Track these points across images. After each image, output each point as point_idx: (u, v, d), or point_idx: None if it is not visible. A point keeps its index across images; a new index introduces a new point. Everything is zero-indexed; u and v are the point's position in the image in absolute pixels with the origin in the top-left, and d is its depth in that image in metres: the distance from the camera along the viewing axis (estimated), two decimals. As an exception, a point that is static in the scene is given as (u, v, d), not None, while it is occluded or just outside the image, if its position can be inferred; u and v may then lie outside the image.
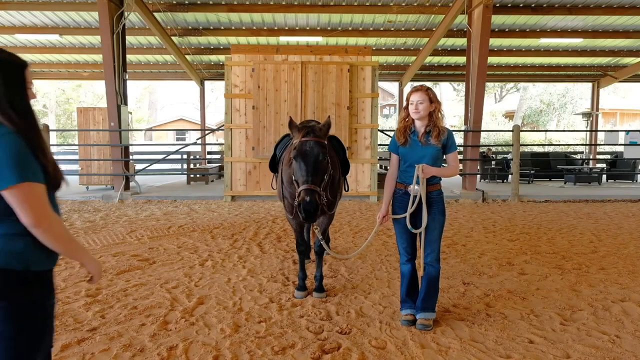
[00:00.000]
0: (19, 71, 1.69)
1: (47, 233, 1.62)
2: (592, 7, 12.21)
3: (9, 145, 1.56)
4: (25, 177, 1.56)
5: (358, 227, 7.33)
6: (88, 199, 10.40)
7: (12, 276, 1.61)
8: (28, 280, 1.64)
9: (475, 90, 10.81)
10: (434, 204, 3.31)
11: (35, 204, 1.59)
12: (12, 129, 1.60)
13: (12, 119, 1.61)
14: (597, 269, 4.92)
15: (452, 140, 3.31)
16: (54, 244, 1.66)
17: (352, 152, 10.15)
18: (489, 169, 14.89)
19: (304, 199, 3.23)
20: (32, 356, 1.66)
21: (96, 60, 16.44)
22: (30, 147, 1.61)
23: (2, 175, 1.54)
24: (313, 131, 3.46)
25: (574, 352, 2.97)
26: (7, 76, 1.64)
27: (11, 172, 1.54)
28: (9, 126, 1.60)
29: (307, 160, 3.34)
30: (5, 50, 1.70)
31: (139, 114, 34.79)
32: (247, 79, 10.20)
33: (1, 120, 1.61)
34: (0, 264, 1.60)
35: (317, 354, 2.93)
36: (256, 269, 4.91)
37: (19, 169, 1.55)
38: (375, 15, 12.64)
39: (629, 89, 33.81)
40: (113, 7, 10.38)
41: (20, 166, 1.56)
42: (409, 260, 3.43)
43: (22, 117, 1.64)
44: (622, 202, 10.46)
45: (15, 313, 1.62)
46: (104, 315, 3.56)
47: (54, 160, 1.70)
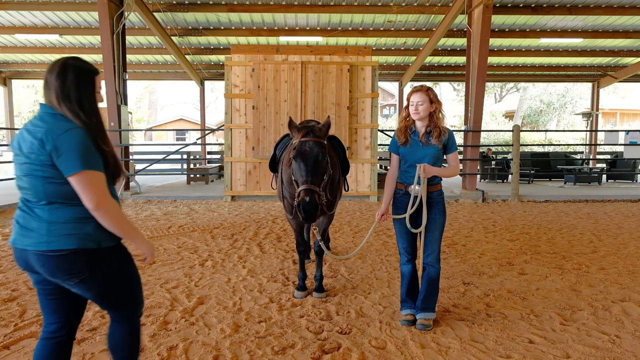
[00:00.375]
0: (90, 77, 1.96)
1: (105, 216, 1.88)
2: (592, 7, 12.22)
3: (75, 137, 1.83)
4: (88, 166, 1.82)
5: (358, 227, 7.33)
6: (88, 199, 10.38)
7: (89, 254, 1.92)
8: (102, 255, 1.96)
9: (475, 90, 10.82)
10: (435, 204, 3.31)
11: (96, 190, 1.85)
12: (79, 124, 1.88)
13: (80, 117, 1.89)
14: (597, 269, 4.92)
15: (452, 141, 3.31)
16: (111, 225, 1.91)
17: (352, 152, 10.16)
18: (489, 169, 14.89)
19: (303, 199, 3.23)
20: (132, 295, 2.10)
21: (96, 60, 16.39)
22: (93, 141, 1.89)
23: (69, 163, 1.81)
24: (313, 131, 3.45)
25: (574, 352, 2.97)
26: (79, 81, 1.92)
27: (76, 161, 1.80)
28: (76, 122, 1.88)
29: (307, 161, 3.33)
30: (80, 58, 1.99)
31: (139, 114, 34.80)
32: (247, 79, 10.21)
33: (70, 118, 1.88)
34: (78, 244, 1.89)
35: (317, 354, 2.93)
36: (256, 269, 4.91)
37: (83, 159, 1.82)
38: (375, 15, 12.64)
39: (629, 89, 33.83)
40: (113, 7, 10.38)
41: (83, 156, 1.82)
42: (409, 261, 3.43)
43: (88, 116, 1.91)
44: (622, 202, 10.46)
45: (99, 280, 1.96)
46: (104, 315, 3.55)
47: (115, 154, 1.99)
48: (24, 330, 3.26)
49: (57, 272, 1.91)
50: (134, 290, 2.12)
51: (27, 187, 1.91)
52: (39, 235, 1.88)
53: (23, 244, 1.92)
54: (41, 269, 1.92)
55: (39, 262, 1.90)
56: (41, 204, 1.90)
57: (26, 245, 1.91)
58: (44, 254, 1.87)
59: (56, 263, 1.88)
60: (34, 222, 1.90)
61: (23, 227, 1.93)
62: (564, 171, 14.20)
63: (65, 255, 1.88)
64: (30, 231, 1.90)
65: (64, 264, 1.88)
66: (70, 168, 1.81)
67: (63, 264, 1.88)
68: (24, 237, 1.92)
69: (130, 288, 2.10)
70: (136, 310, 2.15)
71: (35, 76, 19.12)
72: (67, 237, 1.88)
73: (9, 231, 6.75)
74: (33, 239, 1.89)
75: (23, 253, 1.94)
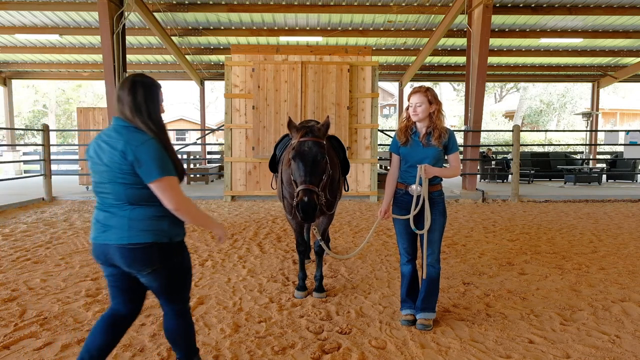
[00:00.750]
0: (157, 91, 2.24)
1: (184, 214, 2.20)
2: (592, 7, 12.22)
3: (151, 148, 2.09)
4: (165, 172, 2.11)
5: (358, 227, 7.33)
6: (88, 199, 10.39)
7: (161, 247, 2.20)
8: (172, 249, 2.25)
9: (475, 90, 10.81)
10: (435, 204, 3.30)
11: (174, 192, 2.14)
12: (151, 135, 2.14)
13: (151, 128, 2.15)
14: (597, 269, 4.92)
15: (453, 141, 3.30)
16: (189, 220, 2.24)
17: (352, 152, 10.16)
18: (489, 169, 14.89)
19: (302, 199, 3.23)
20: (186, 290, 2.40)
21: (96, 60, 16.45)
22: (164, 149, 2.16)
23: (149, 171, 2.09)
24: (312, 131, 3.45)
25: (574, 352, 2.97)
26: (147, 95, 2.18)
27: (155, 170, 2.08)
28: (148, 133, 2.14)
29: (306, 161, 3.33)
30: (145, 75, 2.24)
31: (139, 114, 34.74)
32: (247, 79, 10.21)
33: (143, 129, 2.14)
34: (154, 239, 2.17)
35: (317, 354, 2.93)
36: (256, 269, 4.91)
37: (160, 167, 2.09)
38: (375, 15, 12.64)
39: (629, 89, 33.81)
40: (113, 7, 10.38)
41: (160, 165, 2.10)
42: (409, 261, 3.43)
43: (157, 126, 2.17)
44: (622, 202, 10.46)
45: (167, 272, 2.26)
46: (104, 315, 3.56)
47: (178, 158, 2.26)
48: (24, 330, 3.26)
49: (134, 263, 2.19)
50: (189, 285, 2.42)
51: (109, 191, 2.18)
52: (121, 231, 2.16)
53: (105, 240, 2.19)
54: (120, 261, 2.19)
55: (119, 254, 2.17)
56: (122, 205, 2.17)
57: (108, 240, 2.18)
58: (124, 247, 2.16)
59: (134, 255, 2.17)
60: (115, 220, 2.17)
61: (104, 225, 2.20)
62: (564, 171, 14.19)
63: (143, 248, 2.17)
64: (111, 228, 2.18)
65: (140, 255, 2.17)
66: (151, 176, 2.09)
67: (140, 255, 2.17)
68: (105, 233, 2.20)
69: (187, 282, 2.40)
70: (187, 304, 2.43)
71: (35, 76, 19.13)
72: (145, 232, 2.17)
73: (9, 231, 6.75)
74: (115, 234, 2.17)
75: (103, 247, 2.21)
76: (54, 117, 30.72)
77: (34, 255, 5.39)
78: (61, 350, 2.97)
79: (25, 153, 19.86)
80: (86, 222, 7.63)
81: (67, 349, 3.00)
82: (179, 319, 2.40)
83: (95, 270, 4.78)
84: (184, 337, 2.43)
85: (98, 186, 2.22)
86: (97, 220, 2.24)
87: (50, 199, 10.15)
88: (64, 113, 31.68)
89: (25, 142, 27.24)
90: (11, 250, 5.62)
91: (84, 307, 3.71)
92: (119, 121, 2.19)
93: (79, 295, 4.00)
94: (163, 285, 2.29)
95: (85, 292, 4.07)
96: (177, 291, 2.35)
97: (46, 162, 10.27)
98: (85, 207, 9.36)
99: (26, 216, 8.16)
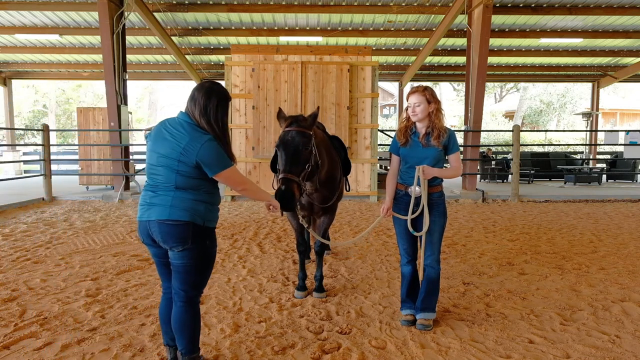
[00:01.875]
0: (227, 103, 2.56)
1: (248, 192, 2.68)
2: (592, 7, 12.21)
3: (211, 148, 2.42)
4: (224, 166, 2.47)
5: (358, 227, 7.33)
6: (88, 199, 10.40)
7: (195, 228, 2.46)
8: (204, 232, 2.51)
9: (475, 90, 10.81)
10: (435, 205, 3.29)
11: (236, 179, 2.57)
12: (212, 135, 2.46)
13: (215, 131, 2.48)
14: (597, 269, 4.92)
15: (453, 141, 3.28)
16: (251, 195, 2.73)
17: (352, 152, 10.15)
18: (489, 169, 14.89)
19: (279, 188, 3.23)
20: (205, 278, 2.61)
21: (96, 60, 16.45)
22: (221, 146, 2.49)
23: (212, 168, 2.43)
24: (297, 121, 3.45)
25: (574, 352, 2.97)
26: (219, 105, 2.50)
27: (217, 166, 2.44)
28: (211, 134, 2.46)
29: (287, 150, 3.33)
30: (221, 85, 2.56)
31: (139, 114, 34.76)
32: (247, 79, 10.20)
33: (206, 129, 2.46)
34: (190, 218, 2.44)
35: (317, 354, 2.93)
36: (256, 269, 4.91)
37: (221, 163, 2.45)
38: (375, 15, 12.64)
39: (629, 89, 33.80)
40: (113, 7, 10.37)
41: (220, 161, 2.45)
42: (409, 262, 3.43)
43: (221, 131, 2.51)
44: (622, 202, 10.46)
45: (196, 253, 2.49)
46: (104, 315, 3.56)
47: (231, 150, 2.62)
48: (24, 330, 3.26)
49: (169, 238, 2.44)
50: (208, 274, 2.63)
51: (161, 174, 2.46)
52: (163, 208, 2.43)
53: (148, 217, 2.47)
54: (158, 235, 2.46)
55: (158, 229, 2.44)
56: (169, 188, 2.46)
57: (150, 217, 2.46)
58: (164, 222, 2.43)
59: (171, 230, 2.43)
60: (159, 199, 2.46)
61: (149, 204, 2.49)
62: (564, 171, 14.20)
63: (179, 225, 2.43)
64: (155, 205, 2.46)
65: (176, 231, 2.43)
66: (214, 171, 2.45)
67: (176, 231, 2.43)
68: (149, 210, 2.48)
69: (209, 269, 2.61)
70: (199, 294, 2.62)
71: (35, 76, 19.12)
72: (184, 211, 2.43)
73: (9, 231, 6.75)
74: (158, 211, 2.44)
75: (146, 224, 2.48)
76: (54, 117, 30.70)
77: (34, 255, 5.39)
78: (61, 350, 2.97)
79: (25, 153, 19.85)
80: (86, 222, 7.63)
81: (67, 349, 3.00)
82: (189, 306, 2.55)
83: (95, 270, 4.78)
84: (190, 328, 2.57)
85: (152, 168, 2.51)
86: (145, 200, 2.53)
87: (50, 199, 10.15)
88: (64, 113, 31.66)
89: (25, 142, 27.23)
90: (11, 250, 5.62)
91: (84, 307, 3.71)
92: (186, 117, 2.49)
93: (79, 295, 4.00)
94: (188, 265, 2.50)
95: (85, 292, 4.07)
96: (198, 274, 2.55)
97: (46, 162, 10.27)
98: (85, 207, 9.36)
99: (26, 216, 8.16)
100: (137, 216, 2.58)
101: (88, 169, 11.97)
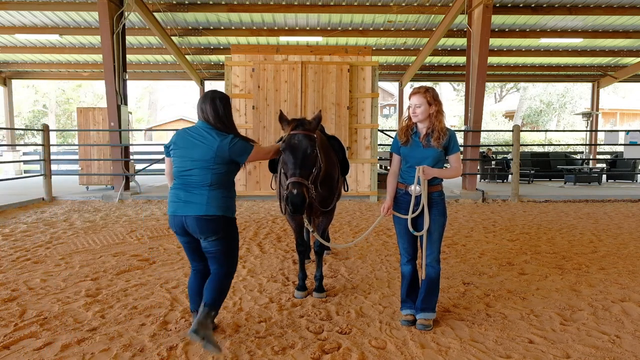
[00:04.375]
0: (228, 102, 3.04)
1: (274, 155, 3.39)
2: (592, 7, 12.22)
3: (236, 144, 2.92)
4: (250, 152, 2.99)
5: (358, 227, 7.33)
6: (88, 199, 10.40)
7: (228, 220, 2.98)
8: (231, 222, 3.02)
9: (475, 90, 10.81)
10: (435, 205, 3.30)
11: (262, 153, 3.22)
12: (229, 133, 2.95)
13: (227, 128, 2.97)
14: (597, 269, 4.92)
15: (454, 142, 3.28)
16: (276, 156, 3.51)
17: (352, 152, 10.15)
18: (489, 169, 14.89)
19: (291, 191, 3.22)
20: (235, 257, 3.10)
21: (96, 60, 16.45)
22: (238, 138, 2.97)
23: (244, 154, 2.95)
24: (302, 124, 3.45)
25: (574, 352, 2.97)
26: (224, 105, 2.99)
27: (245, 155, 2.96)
28: (226, 132, 2.95)
29: (296, 153, 3.33)
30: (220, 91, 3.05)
31: (139, 114, 34.77)
32: (247, 79, 10.20)
33: (223, 130, 2.94)
34: (223, 213, 2.92)
35: (317, 354, 2.93)
36: (256, 269, 4.91)
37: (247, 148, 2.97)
38: (375, 15, 12.64)
39: (629, 89, 33.82)
40: (113, 7, 10.37)
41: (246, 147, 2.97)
42: (409, 261, 3.43)
43: (231, 127, 3.00)
44: (622, 202, 10.46)
45: (226, 239, 2.98)
46: (104, 315, 3.56)
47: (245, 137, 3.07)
48: (24, 330, 3.26)
49: (205, 231, 2.89)
50: (237, 252, 3.11)
51: (196, 175, 2.89)
52: (200, 205, 2.86)
53: (184, 212, 2.89)
54: (195, 228, 2.88)
55: (195, 223, 2.87)
56: (204, 187, 2.89)
57: (187, 212, 2.88)
58: (201, 218, 2.86)
59: (207, 224, 2.87)
60: (196, 197, 2.88)
61: (186, 201, 2.89)
62: (564, 171, 14.19)
63: (214, 219, 2.89)
64: (192, 203, 2.88)
65: (211, 224, 2.88)
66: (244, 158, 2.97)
67: (211, 224, 2.88)
68: (185, 207, 2.89)
69: (237, 249, 3.10)
70: (235, 268, 3.09)
71: (35, 76, 19.12)
72: (218, 207, 2.89)
73: (9, 231, 6.75)
74: (195, 208, 2.87)
75: (181, 219, 2.90)
76: (54, 117, 30.70)
77: (34, 255, 5.39)
78: (61, 350, 2.97)
79: (25, 153, 19.85)
80: (86, 222, 7.63)
81: (67, 349, 3.00)
82: (225, 279, 3.02)
83: (95, 270, 4.79)
84: (219, 291, 2.98)
85: (184, 172, 2.92)
86: (179, 198, 2.92)
87: (50, 199, 10.15)
88: (64, 113, 31.66)
89: (25, 142, 27.24)
90: (11, 250, 5.62)
91: (84, 307, 3.71)
92: (204, 124, 2.96)
93: (79, 295, 4.00)
94: (222, 250, 2.96)
95: (85, 292, 4.07)
96: (232, 256, 3.04)
97: (46, 162, 10.27)
98: (85, 207, 9.36)
99: (26, 216, 8.16)
100: (169, 211, 2.97)
101: (88, 169, 11.97)
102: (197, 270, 3.13)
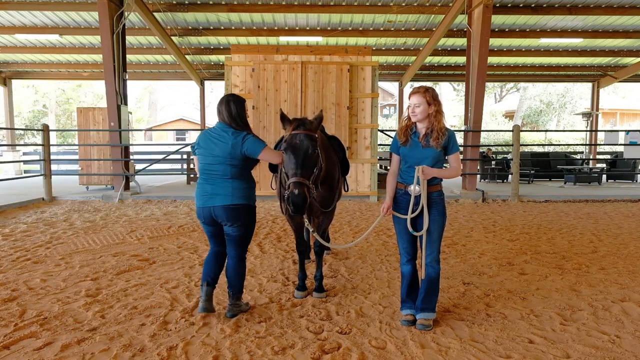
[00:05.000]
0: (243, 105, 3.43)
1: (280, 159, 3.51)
2: (592, 7, 12.22)
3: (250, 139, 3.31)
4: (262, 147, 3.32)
5: (358, 227, 7.33)
6: (88, 199, 10.40)
7: (250, 208, 3.42)
8: (253, 210, 3.46)
9: (475, 90, 10.81)
10: (434, 205, 3.29)
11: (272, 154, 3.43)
12: (244, 131, 3.35)
13: (241, 126, 3.37)
14: (597, 269, 4.92)
15: (453, 142, 3.28)
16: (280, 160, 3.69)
17: (352, 152, 10.15)
18: (489, 169, 14.89)
19: (292, 191, 3.22)
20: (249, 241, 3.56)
21: (96, 60, 16.45)
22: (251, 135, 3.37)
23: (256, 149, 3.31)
24: (303, 124, 3.46)
25: (574, 352, 2.97)
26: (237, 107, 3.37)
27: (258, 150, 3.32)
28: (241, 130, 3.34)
29: (297, 153, 3.33)
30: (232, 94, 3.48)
31: (139, 114, 34.77)
32: (247, 79, 10.20)
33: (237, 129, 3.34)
34: (246, 202, 3.37)
35: (317, 354, 2.92)
36: (256, 269, 4.91)
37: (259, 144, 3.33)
38: (375, 15, 12.64)
39: (629, 89, 33.82)
40: (113, 7, 10.37)
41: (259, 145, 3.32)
42: (409, 261, 3.43)
43: (245, 125, 3.40)
44: (622, 202, 10.46)
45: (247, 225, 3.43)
46: (104, 315, 3.56)
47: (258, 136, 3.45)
48: (24, 330, 3.26)
49: (230, 218, 3.33)
50: (251, 238, 3.57)
51: (218, 170, 3.32)
52: (226, 196, 3.31)
53: (212, 203, 3.32)
54: (222, 216, 3.33)
55: (222, 212, 3.31)
56: (226, 179, 3.32)
57: (215, 203, 3.31)
58: (227, 207, 3.30)
59: (232, 212, 3.32)
60: (221, 189, 3.32)
61: (212, 194, 3.33)
62: (564, 171, 14.19)
63: (239, 208, 3.33)
64: (218, 195, 3.32)
65: (236, 213, 3.33)
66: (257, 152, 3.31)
67: (236, 213, 3.33)
68: (212, 199, 3.33)
69: (251, 236, 3.54)
70: (247, 251, 3.57)
71: (35, 76, 19.13)
72: (241, 197, 3.34)
73: (9, 231, 6.75)
74: (222, 198, 3.31)
75: (209, 210, 3.34)
76: (54, 117, 30.71)
77: (34, 255, 5.39)
78: (61, 350, 2.96)
79: (25, 153, 19.86)
80: (86, 222, 7.63)
81: (67, 349, 3.00)
82: (241, 261, 3.48)
83: (95, 270, 4.79)
84: (239, 277, 3.48)
85: (207, 167, 3.35)
86: (205, 192, 3.36)
87: (50, 199, 10.15)
88: (64, 113, 31.66)
89: (25, 142, 27.25)
90: (11, 250, 5.62)
91: (84, 307, 3.71)
92: (223, 125, 3.36)
93: (79, 295, 4.00)
94: (242, 235, 3.42)
95: (85, 292, 4.07)
96: (248, 241, 3.52)
97: (46, 162, 10.27)
98: (85, 207, 9.36)
99: (26, 216, 8.16)
100: (197, 204, 3.40)
101: (88, 169, 11.97)
102: (215, 252, 3.55)
